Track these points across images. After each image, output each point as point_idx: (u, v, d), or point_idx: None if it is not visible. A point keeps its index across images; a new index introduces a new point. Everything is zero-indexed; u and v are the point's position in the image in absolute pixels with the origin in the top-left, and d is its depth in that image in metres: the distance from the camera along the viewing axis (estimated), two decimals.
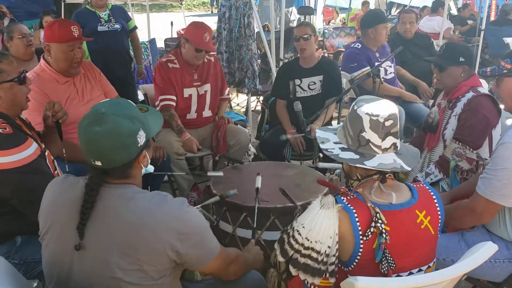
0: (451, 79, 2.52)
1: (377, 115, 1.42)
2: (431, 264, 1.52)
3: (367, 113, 1.43)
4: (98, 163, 1.32)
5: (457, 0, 13.02)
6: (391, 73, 3.90)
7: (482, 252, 1.49)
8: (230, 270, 1.58)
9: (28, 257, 1.89)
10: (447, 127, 2.53)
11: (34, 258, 1.88)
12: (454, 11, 11.61)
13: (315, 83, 3.45)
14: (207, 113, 3.37)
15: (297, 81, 3.46)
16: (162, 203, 1.35)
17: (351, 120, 1.48)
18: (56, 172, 2.03)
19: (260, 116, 4.40)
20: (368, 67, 3.67)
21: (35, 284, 2.14)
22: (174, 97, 3.16)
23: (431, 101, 3.77)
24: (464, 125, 2.43)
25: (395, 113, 1.45)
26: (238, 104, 6.39)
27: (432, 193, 1.53)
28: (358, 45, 3.84)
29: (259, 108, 5.78)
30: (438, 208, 1.50)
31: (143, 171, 1.46)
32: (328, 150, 1.51)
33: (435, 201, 1.51)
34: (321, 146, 1.54)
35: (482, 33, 7.24)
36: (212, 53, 3.41)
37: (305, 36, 3.32)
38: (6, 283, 1.48)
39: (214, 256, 1.45)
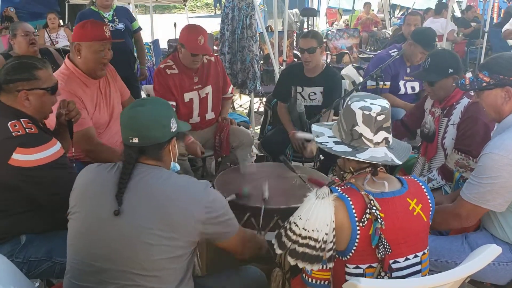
0: (443, 91, 2.47)
1: (370, 110, 1.47)
2: (425, 251, 1.56)
3: (360, 108, 1.48)
4: (135, 140, 1.50)
5: (460, 2, 13.03)
6: (411, 93, 3.75)
7: (486, 255, 1.50)
8: (246, 248, 1.72)
9: (32, 256, 1.89)
10: (446, 136, 2.48)
11: (37, 257, 1.89)
12: (457, 13, 11.60)
13: (315, 94, 3.40)
14: (210, 115, 3.35)
15: (299, 89, 3.41)
16: (191, 182, 1.55)
17: (345, 114, 1.53)
18: None
19: (263, 117, 4.40)
20: (389, 83, 3.56)
21: (37, 284, 2.15)
22: (174, 103, 3.14)
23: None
24: (464, 134, 2.37)
25: (387, 108, 1.50)
26: (241, 106, 6.38)
27: (421, 184, 1.57)
28: (395, 54, 3.49)
29: (262, 109, 5.79)
30: (428, 197, 1.55)
31: (172, 165, 1.63)
32: (322, 143, 1.56)
33: (425, 190, 1.56)
34: (316, 139, 1.59)
35: (486, 35, 7.24)
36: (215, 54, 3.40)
37: (310, 49, 3.23)
38: (8, 283, 1.49)
39: (236, 230, 1.61)
